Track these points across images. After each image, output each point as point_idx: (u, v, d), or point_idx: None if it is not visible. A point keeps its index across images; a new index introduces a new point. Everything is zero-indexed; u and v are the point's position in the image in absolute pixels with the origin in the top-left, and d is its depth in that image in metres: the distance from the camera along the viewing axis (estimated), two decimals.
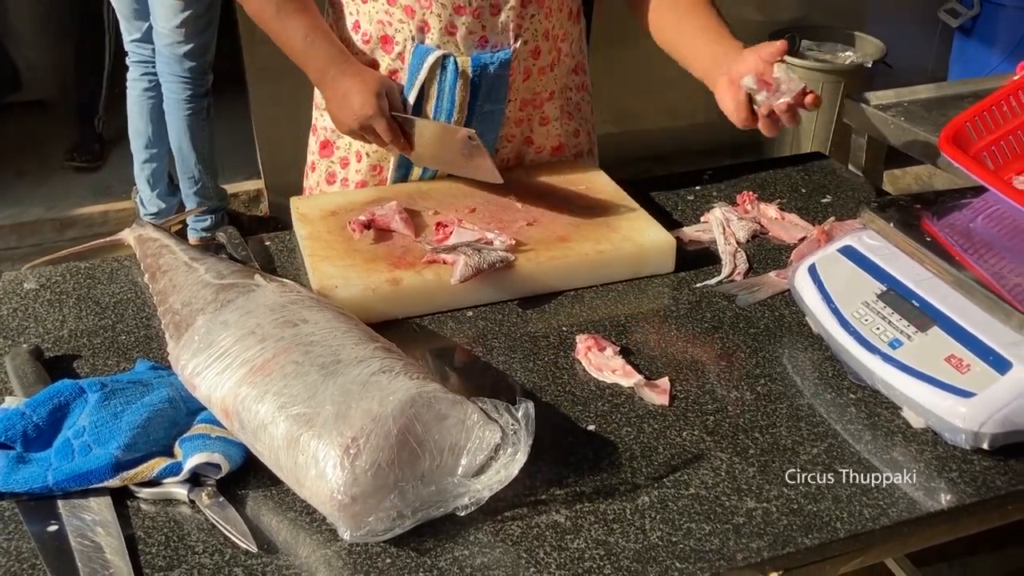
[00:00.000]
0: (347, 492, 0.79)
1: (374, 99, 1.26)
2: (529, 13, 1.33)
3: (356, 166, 1.45)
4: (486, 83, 1.33)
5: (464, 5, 1.28)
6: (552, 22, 1.38)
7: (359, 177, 1.45)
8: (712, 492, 0.89)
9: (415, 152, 1.33)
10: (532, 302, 1.20)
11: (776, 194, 1.47)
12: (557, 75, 1.43)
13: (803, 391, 1.04)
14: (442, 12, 1.29)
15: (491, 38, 1.32)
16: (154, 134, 2.88)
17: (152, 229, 1.24)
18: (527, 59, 1.37)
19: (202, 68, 2.78)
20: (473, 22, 1.30)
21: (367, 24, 1.35)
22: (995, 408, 0.89)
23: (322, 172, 1.49)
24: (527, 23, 1.34)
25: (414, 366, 0.91)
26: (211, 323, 0.97)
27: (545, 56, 1.39)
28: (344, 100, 1.29)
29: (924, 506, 0.88)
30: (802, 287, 1.11)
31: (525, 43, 1.35)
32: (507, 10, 1.31)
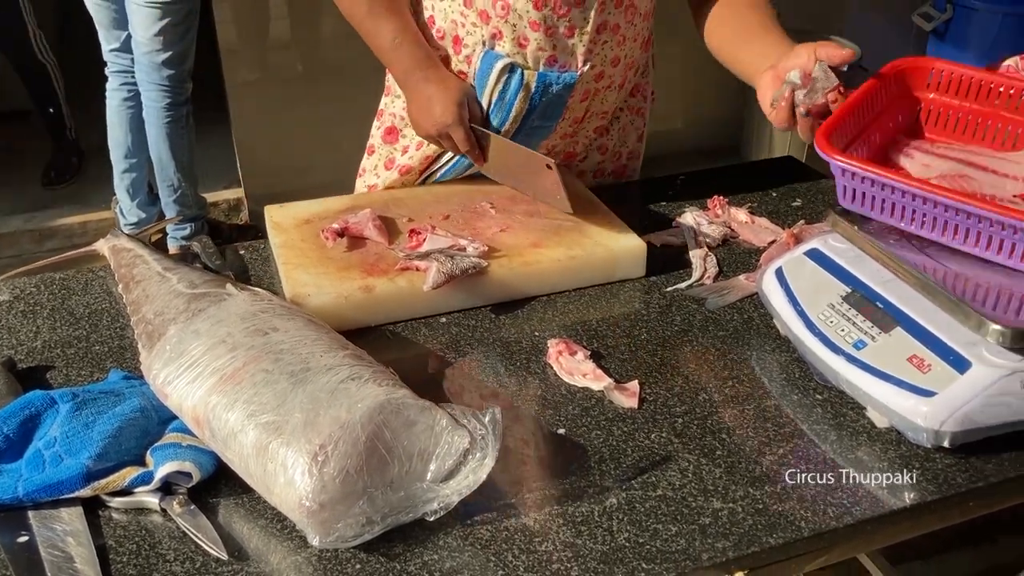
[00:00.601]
0: (315, 499, 0.80)
1: (455, 108, 1.27)
2: (602, 40, 1.34)
3: (413, 153, 1.46)
4: (546, 100, 1.34)
5: (539, 22, 1.29)
6: (624, 50, 1.38)
7: (409, 162, 1.46)
8: (679, 493, 0.91)
9: (487, 164, 1.35)
10: (505, 307, 1.21)
11: (747, 198, 1.49)
12: (615, 97, 1.45)
13: (770, 392, 1.05)
14: (517, 23, 1.29)
15: (560, 58, 1.32)
16: (133, 144, 2.88)
17: (126, 239, 1.25)
18: (590, 82, 1.38)
19: (181, 76, 2.78)
20: (545, 40, 1.30)
21: (441, 21, 1.36)
22: (955, 407, 0.91)
23: (383, 156, 1.51)
24: (598, 48, 1.34)
25: (383, 373, 0.92)
26: (183, 332, 0.98)
27: (606, 80, 1.40)
28: (426, 105, 1.30)
29: (887, 504, 0.90)
30: (769, 290, 1.12)
31: (592, 67, 1.36)
32: (580, 34, 1.31)
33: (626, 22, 1.35)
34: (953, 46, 3.49)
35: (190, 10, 2.74)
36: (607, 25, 1.32)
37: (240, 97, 3.06)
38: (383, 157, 1.51)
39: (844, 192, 1.09)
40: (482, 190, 1.41)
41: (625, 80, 1.45)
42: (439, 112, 1.28)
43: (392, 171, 1.48)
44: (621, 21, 1.34)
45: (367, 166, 1.54)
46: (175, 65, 2.74)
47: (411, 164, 1.46)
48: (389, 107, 1.49)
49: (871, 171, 1.04)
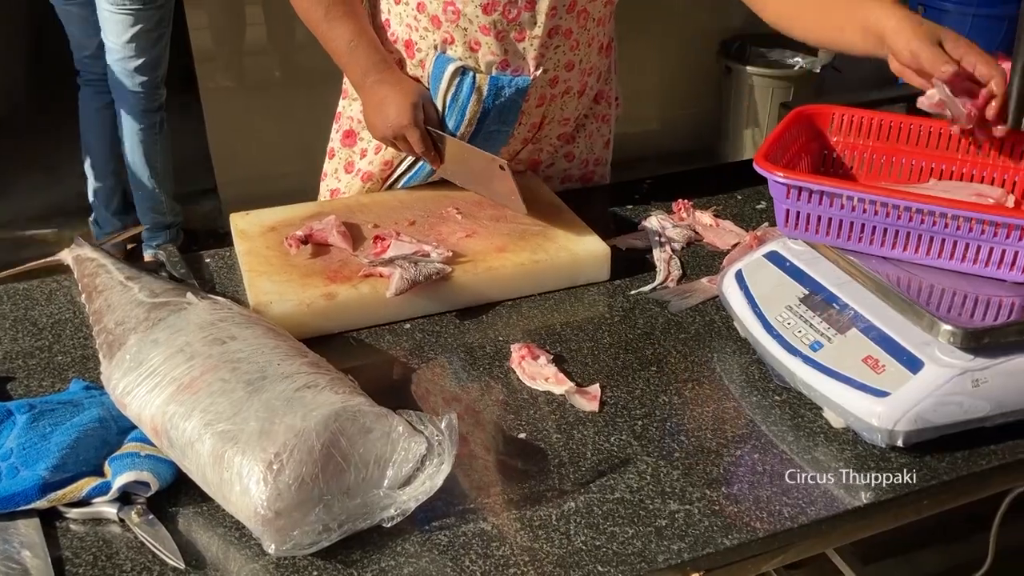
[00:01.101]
0: (270, 507, 0.80)
1: (410, 109, 1.29)
2: (554, 44, 1.35)
3: (371, 158, 1.47)
4: (499, 104, 1.34)
5: (489, 27, 1.30)
6: (578, 55, 1.39)
7: (370, 168, 1.47)
8: (636, 496, 0.91)
9: (443, 166, 1.36)
10: (470, 313, 1.22)
11: (712, 201, 1.50)
12: (575, 104, 1.46)
13: (730, 394, 1.06)
14: (468, 27, 1.31)
15: (512, 62, 1.34)
16: (107, 152, 2.87)
17: (90, 249, 1.24)
18: (544, 87, 1.39)
19: (154, 83, 2.77)
20: (496, 44, 1.32)
21: (396, 25, 1.38)
22: (908, 406, 0.92)
23: (342, 160, 1.52)
24: (550, 53, 1.35)
25: (341, 380, 0.92)
26: (142, 342, 0.98)
27: (561, 85, 1.41)
28: (380, 107, 1.31)
29: (842, 504, 0.91)
30: (729, 292, 1.13)
31: (545, 71, 1.36)
32: (531, 38, 1.32)
33: (579, 27, 1.36)
34: None
35: (162, 16, 2.74)
36: (559, 30, 1.33)
37: (215, 104, 3.05)
38: (343, 160, 1.52)
39: (787, 217, 1.09)
40: (448, 196, 1.41)
41: (585, 86, 1.45)
42: (394, 114, 1.30)
43: (353, 176, 1.49)
44: (574, 26, 1.35)
45: (328, 170, 1.55)
46: (148, 72, 2.73)
47: (371, 170, 1.46)
48: (346, 110, 1.50)
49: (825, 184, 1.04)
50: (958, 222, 0.99)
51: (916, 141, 1.18)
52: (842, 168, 1.22)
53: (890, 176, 1.20)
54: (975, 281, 1.02)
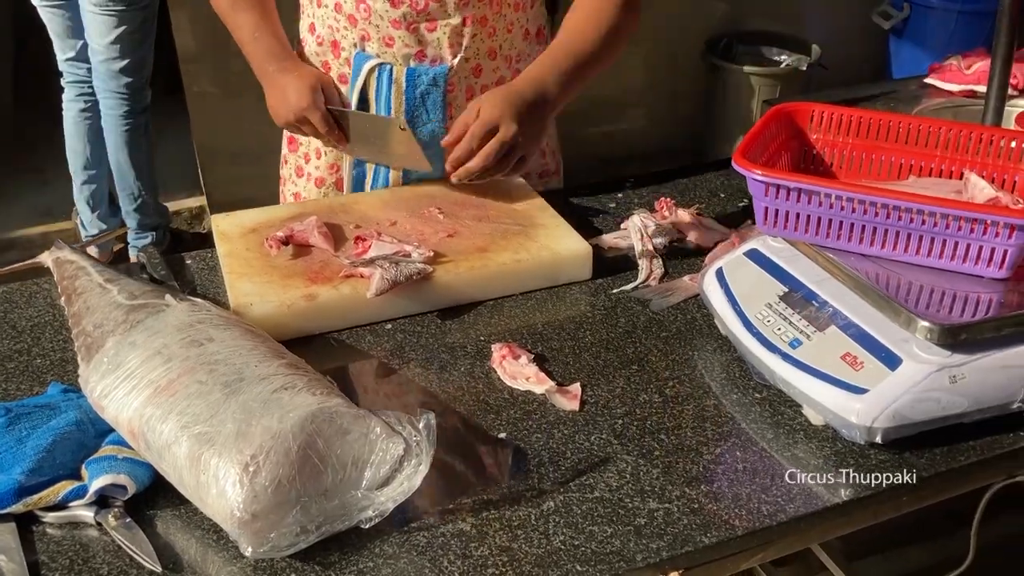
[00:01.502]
0: (247, 509, 0.80)
1: (309, 93, 1.32)
2: (470, 33, 1.36)
3: (316, 162, 1.51)
4: (420, 94, 1.37)
5: (399, 20, 1.33)
6: (498, 41, 1.40)
7: (319, 173, 1.50)
8: (616, 495, 0.91)
9: (349, 144, 1.39)
10: (451, 313, 1.22)
11: (695, 199, 1.50)
12: None
13: (710, 392, 1.06)
14: (380, 23, 1.34)
15: (429, 53, 1.36)
16: (92, 155, 2.85)
17: (69, 251, 1.23)
18: (468, 77, 1.40)
19: (139, 84, 2.76)
20: (409, 36, 1.35)
21: (321, 28, 1.41)
22: (886, 403, 0.92)
23: (292, 165, 1.56)
24: (467, 41, 1.37)
25: (319, 382, 0.92)
26: (120, 344, 0.97)
27: (489, 75, 1.42)
28: (281, 94, 1.35)
29: (821, 501, 0.91)
30: (710, 290, 1.13)
31: (466, 61, 1.38)
32: (443, 27, 1.34)
33: (494, 14, 1.37)
34: (911, 43, 3.54)
35: (146, 17, 2.72)
36: (472, 18, 1.35)
37: (201, 105, 3.03)
38: (293, 165, 1.55)
39: (766, 215, 1.09)
40: (430, 195, 1.41)
41: (516, 74, 1.44)
42: (294, 99, 1.33)
43: (306, 180, 1.52)
44: (488, 13, 1.37)
45: (284, 175, 1.58)
46: (132, 73, 2.72)
47: (321, 175, 1.49)
48: None
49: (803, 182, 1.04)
50: (935, 219, 0.99)
51: (896, 138, 1.18)
52: (822, 165, 1.23)
53: (870, 173, 1.21)
54: (953, 278, 1.02)
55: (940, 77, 1.80)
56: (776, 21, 3.70)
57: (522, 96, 1.28)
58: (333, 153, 1.48)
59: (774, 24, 3.69)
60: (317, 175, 1.51)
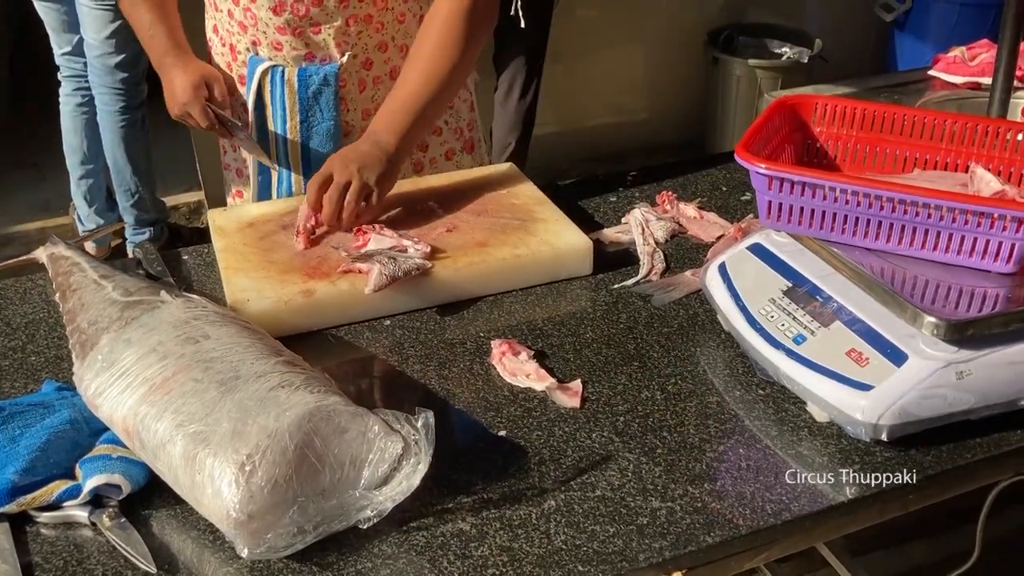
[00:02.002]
0: (243, 510, 0.79)
1: (191, 89, 1.37)
2: (355, 31, 1.39)
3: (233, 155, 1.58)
4: (313, 93, 1.41)
5: (284, 26, 1.37)
6: (387, 35, 1.43)
7: (236, 164, 1.59)
8: (618, 493, 0.90)
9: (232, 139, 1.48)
10: (451, 309, 1.20)
11: (697, 193, 1.48)
12: None
13: (713, 388, 1.05)
14: (266, 30, 1.38)
15: (317, 53, 1.40)
16: (89, 150, 2.84)
17: (64, 247, 1.22)
18: (359, 71, 1.43)
19: (135, 79, 2.74)
20: (295, 40, 1.38)
21: (222, 31, 1.46)
22: (892, 400, 0.91)
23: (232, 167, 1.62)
24: (353, 39, 1.40)
25: (316, 379, 0.90)
26: (114, 342, 0.96)
27: (380, 66, 1.44)
28: (169, 88, 1.40)
29: (826, 499, 0.90)
30: (712, 286, 1.12)
31: (355, 57, 1.41)
32: (327, 29, 1.37)
33: (380, 10, 1.39)
34: (913, 36, 3.52)
35: None
36: (356, 18, 1.37)
37: None
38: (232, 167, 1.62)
39: (769, 209, 1.08)
40: (430, 189, 1.39)
41: None
42: (179, 92, 1.38)
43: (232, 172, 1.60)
44: (373, 11, 1.39)
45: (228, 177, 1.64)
46: (129, 68, 2.70)
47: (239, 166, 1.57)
48: None
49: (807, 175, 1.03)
50: (941, 212, 0.98)
51: (900, 130, 1.17)
52: (826, 159, 1.21)
53: (874, 166, 1.19)
54: (959, 272, 1.01)
55: (944, 69, 1.78)
56: (778, 13, 3.68)
57: (360, 151, 1.28)
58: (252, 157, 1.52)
59: (776, 16, 3.67)
60: (236, 166, 1.58)
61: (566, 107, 3.54)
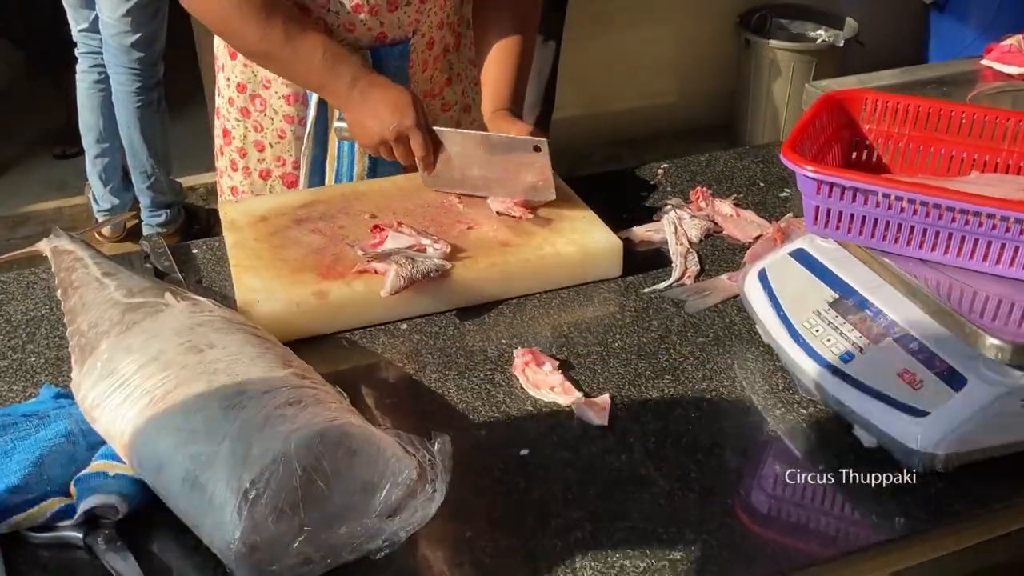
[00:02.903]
0: (245, 540, 0.73)
1: (411, 110, 1.20)
2: (428, 8, 1.32)
3: (258, 155, 1.43)
4: (387, 76, 1.28)
5: (362, 4, 1.27)
6: (445, 12, 1.37)
7: (263, 166, 1.43)
8: (649, 524, 0.83)
9: (435, 172, 1.27)
10: (471, 312, 1.14)
11: (733, 188, 1.41)
12: (453, 60, 1.43)
13: (752, 406, 0.98)
14: (339, 11, 1.27)
15: (389, 33, 1.31)
16: (105, 128, 2.78)
17: (68, 240, 1.16)
18: (424, 51, 1.36)
19: (151, 59, 2.68)
20: (371, 19, 1.29)
21: None
22: (949, 428, 0.84)
23: (227, 158, 1.47)
24: (424, 17, 1.33)
25: (327, 395, 0.84)
26: (114, 348, 0.90)
27: (438, 45, 1.38)
28: (375, 111, 1.21)
29: (875, 534, 0.83)
30: (752, 294, 1.05)
31: (422, 36, 1.34)
32: (404, 7, 1.29)
33: None
34: (954, 19, 3.39)
35: None
36: None
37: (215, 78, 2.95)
38: (227, 158, 1.46)
39: (816, 214, 1.00)
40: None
41: (456, 41, 1.42)
42: (390, 115, 1.20)
43: (242, 174, 1.44)
44: None
45: (220, 167, 1.49)
46: (144, 48, 2.63)
47: (267, 167, 1.42)
48: (223, 109, 1.44)
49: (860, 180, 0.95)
50: (1008, 223, 0.90)
51: (957, 129, 1.09)
52: (874, 158, 1.13)
53: (927, 168, 1.11)
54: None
55: (998, 58, 1.68)
56: None
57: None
58: (279, 145, 1.39)
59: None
60: (261, 167, 1.42)
61: (589, 88, 3.44)
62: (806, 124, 1.03)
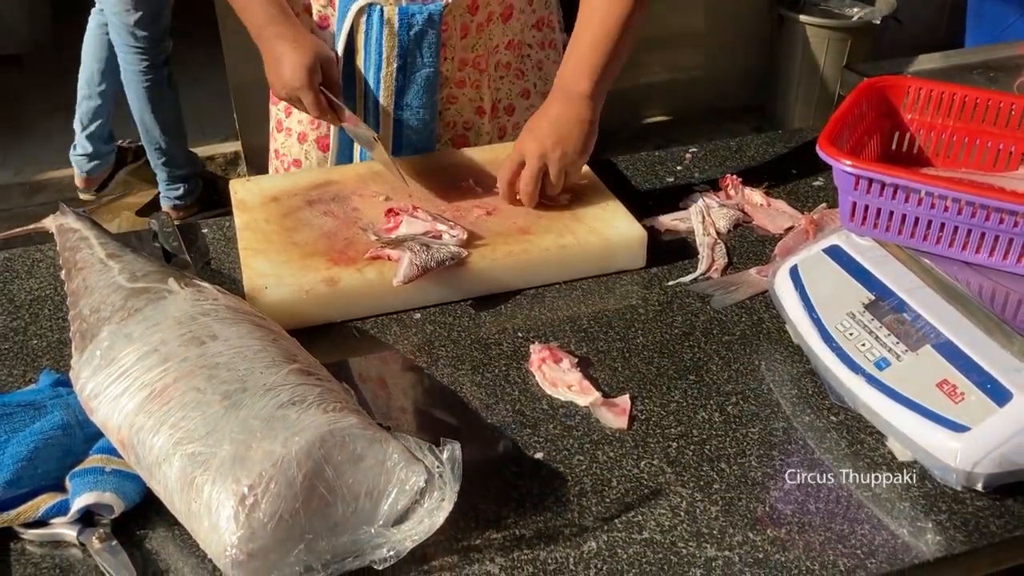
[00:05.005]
0: (242, 548, 0.69)
1: (305, 72, 1.19)
2: None
3: (298, 116, 1.40)
4: (415, 35, 1.24)
5: None
6: None
7: (301, 128, 1.40)
8: (668, 537, 0.79)
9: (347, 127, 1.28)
10: (487, 302, 1.09)
11: (764, 175, 1.34)
12: (504, 30, 1.34)
13: (779, 412, 0.93)
14: None
15: None
16: (100, 70, 2.72)
17: (74, 218, 1.12)
18: (463, 15, 1.28)
19: (156, 37, 2.61)
20: None
21: None
22: (992, 446, 0.78)
23: (273, 119, 1.45)
24: None
25: (332, 393, 0.80)
26: (115, 336, 0.86)
27: (483, 11, 1.29)
28: (277, 65, 1.22)
29: (907, 556, 0.78)
30: (782, 292, 0.99)
31: None
32: None
33: None
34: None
35: None
36: None
37: (235, 45, 2.90)
38: (273, 119, 1.44)
39: (853, 211, 0.94)
40: (469, 165, 1.28)
41: (511, 10, 1.32)
42: (288, 74, 1.19)
43: (285, 135, 1.41)
44: None
45: (270, 128, 1.46)
46: (147, 26, 2.57)
47: (303, 130, 1.38)
48: None
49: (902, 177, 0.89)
50: None
51: (1007, 122, 1.02)
52: (915, 150, 1.07)
53: (972, 162, 1.05)
54: None
55: None
56: None
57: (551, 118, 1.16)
58: None
59: None
60: (299, 130, 1.39)
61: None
62: (844, 113, 0.97)
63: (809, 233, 1.16)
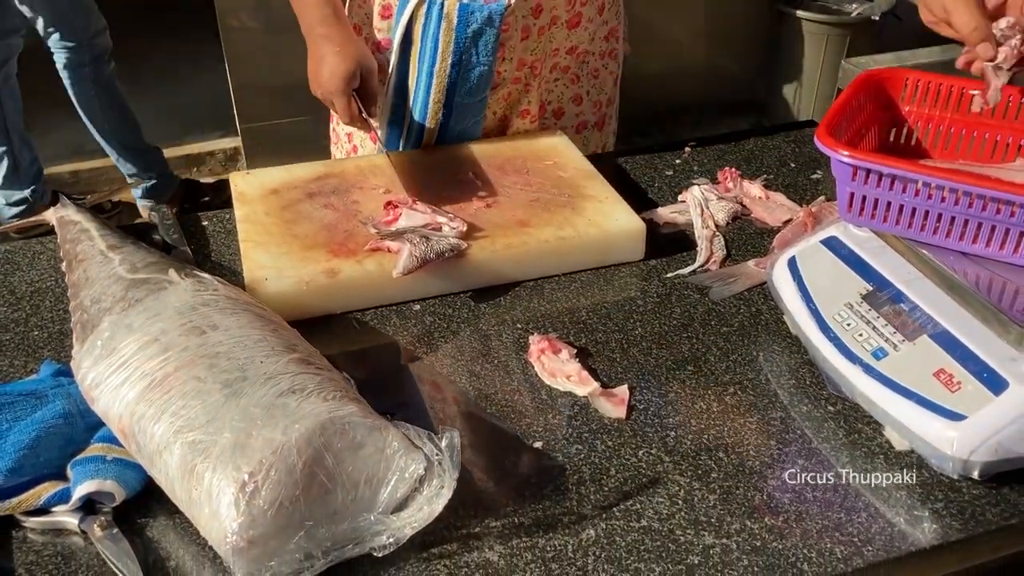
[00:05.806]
0: (243, 535, 0.70)
1: (341, 80, 1.18)
2: None
3: None
4: (473, 33, 1.23)
5: None
6: None
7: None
8: (666, 525, 0.80)
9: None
10: (487, 294, 1.10)
11: (762, 169, 1.35)
12: (568, 36, 1.33)
13: (777, 402, 0.93)
14: None
15: None
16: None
17: (74, 211, 1.13)
18: (527, 17, 1.27)
19: (87, 35, 2.57)
20: None
21: None
22: (987, 434, 0.79)
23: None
24: None
25: (332, 382, 0.81)
26: (116, 326, 0.87)
27: (546, 15, 1.29)
28: (317, 66, 1.21)
29: (904, 543, 0.79)
30: (780, 283, 1.00)
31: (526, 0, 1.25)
32: None
33: None
34: None
35: None
36: None
37: (235, 41, 2.90)
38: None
39: (851, 202, 0.95)
40: (469, 158, 1.28)
41: (579, 17, 1.31)
42: (326, 77, 1.19)
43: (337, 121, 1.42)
44: None
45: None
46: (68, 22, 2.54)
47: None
48: None
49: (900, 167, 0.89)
50: None
51: (1004, 113, 1.03)
52: (913, 141, 1.07)
53: (969, 153, 1.05)
54: None
55: None
56: None
57: None
58: None
59: None
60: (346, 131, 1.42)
61: None
62: (842, 105, 0.98)
63: (807, 225, 1.17)
